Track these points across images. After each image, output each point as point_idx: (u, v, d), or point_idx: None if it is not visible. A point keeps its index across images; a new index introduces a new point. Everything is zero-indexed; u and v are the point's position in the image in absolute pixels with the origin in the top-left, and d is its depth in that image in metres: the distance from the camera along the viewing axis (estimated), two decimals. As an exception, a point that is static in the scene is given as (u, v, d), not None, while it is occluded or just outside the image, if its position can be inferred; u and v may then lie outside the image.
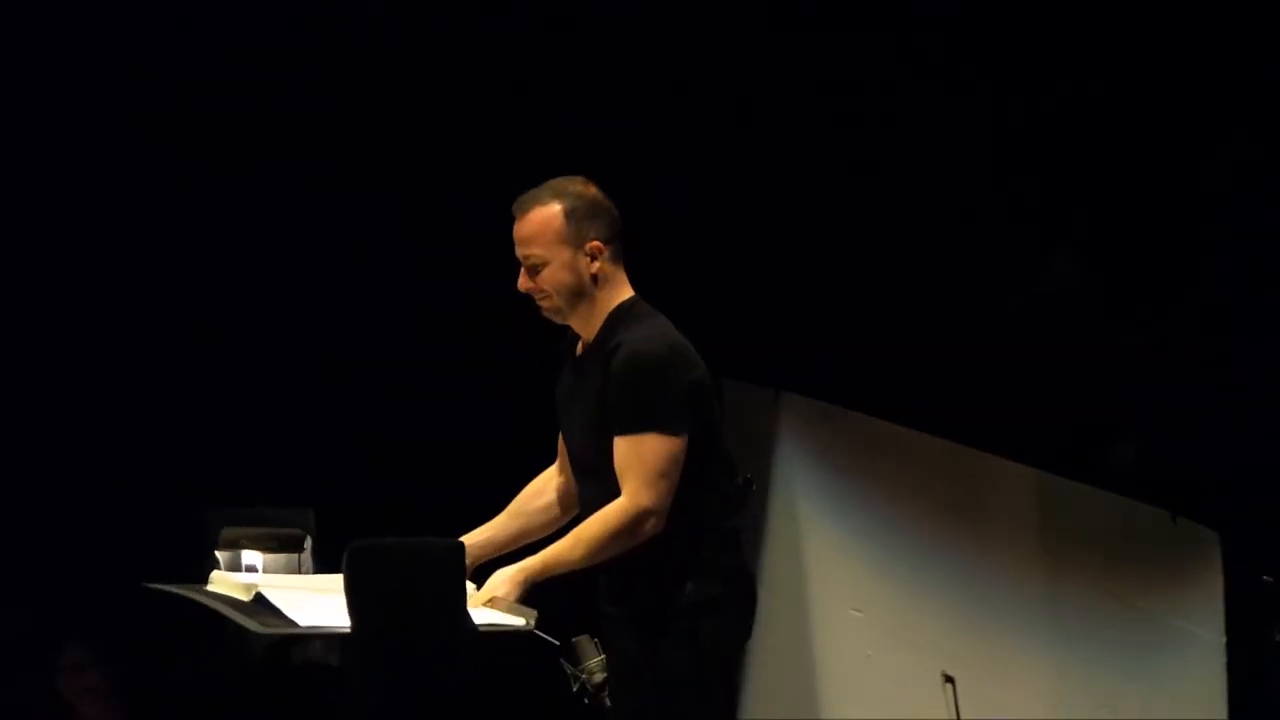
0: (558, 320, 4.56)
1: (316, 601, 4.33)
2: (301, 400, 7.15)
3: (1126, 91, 7.05)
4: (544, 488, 4.76)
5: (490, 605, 4.33)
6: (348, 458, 6.74)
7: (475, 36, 7.39)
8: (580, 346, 4.55)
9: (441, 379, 7.16)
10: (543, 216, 4.41)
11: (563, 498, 4.72)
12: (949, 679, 6.33)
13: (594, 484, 4.40)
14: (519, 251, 4.49)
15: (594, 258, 4.41)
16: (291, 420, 7.05)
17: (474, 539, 4.74)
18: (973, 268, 6.97)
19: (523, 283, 4.51)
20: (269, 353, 7.35)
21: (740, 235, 6.98)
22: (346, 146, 7.44)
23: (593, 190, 4.52)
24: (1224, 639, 6.43)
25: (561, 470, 4.73)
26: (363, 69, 7.38)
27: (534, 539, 4.63)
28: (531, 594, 4.34)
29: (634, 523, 4.34)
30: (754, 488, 4.93)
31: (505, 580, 4.42)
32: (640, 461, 4.33)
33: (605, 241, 4.44)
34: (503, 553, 4.66)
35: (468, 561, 4.65)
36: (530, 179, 4.77)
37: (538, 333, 4.98)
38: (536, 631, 4.37)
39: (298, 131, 7.51)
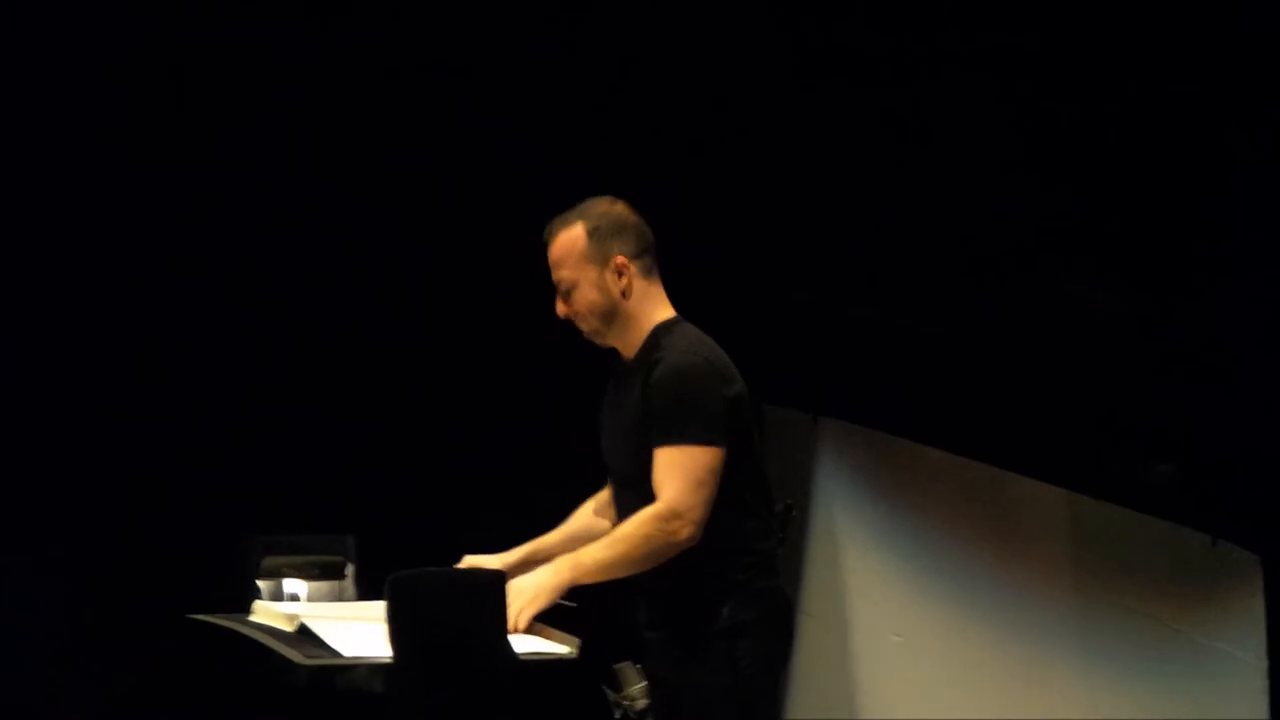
0: (599, 342, 4.59)
1: (359, 630, 4.41)
2: (340, 426, 7.44)
3: (1138, 95, 6.56)
4: (594, 508, 4.85)
5: (530, 631, 4.39)
6: (388, 484, 7.11)
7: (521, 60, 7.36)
8: (622, 365, 4.65)
9: (481, 407, 7.45)
10: (568, 238, 4.55)
11: (612, 519, 4.77)
12: None
13: (631, 495, 4.48)
14: (553, 276, 4.61)
15: (621, 274, 4.51)
16: (331, 446, 7.40)
17: (524, 550, 4.82)
18: (1009, 289, 6.72)
19: (560, 308, 4.56)
20: (308, 379, 7.57)
21: (779, 264, 7.13)
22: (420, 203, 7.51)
23: (619, 207, 4.64)
24: (1265, 663, 5.97)
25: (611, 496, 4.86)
26: (397, 85, 7.42)
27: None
28: (573, 623, 4.53)
29: (668, 526, 4.43)
30: (794, 514, 5.01)
31: (544, 581, 4.47)
32: (679, 469, 4.40)
33: (632, 257, 4.54)
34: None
35: (518, 564, 4.77)
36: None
37: (580, 364, 5.03)
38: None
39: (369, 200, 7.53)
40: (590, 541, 4.70)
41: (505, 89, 7.42)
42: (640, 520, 4.45)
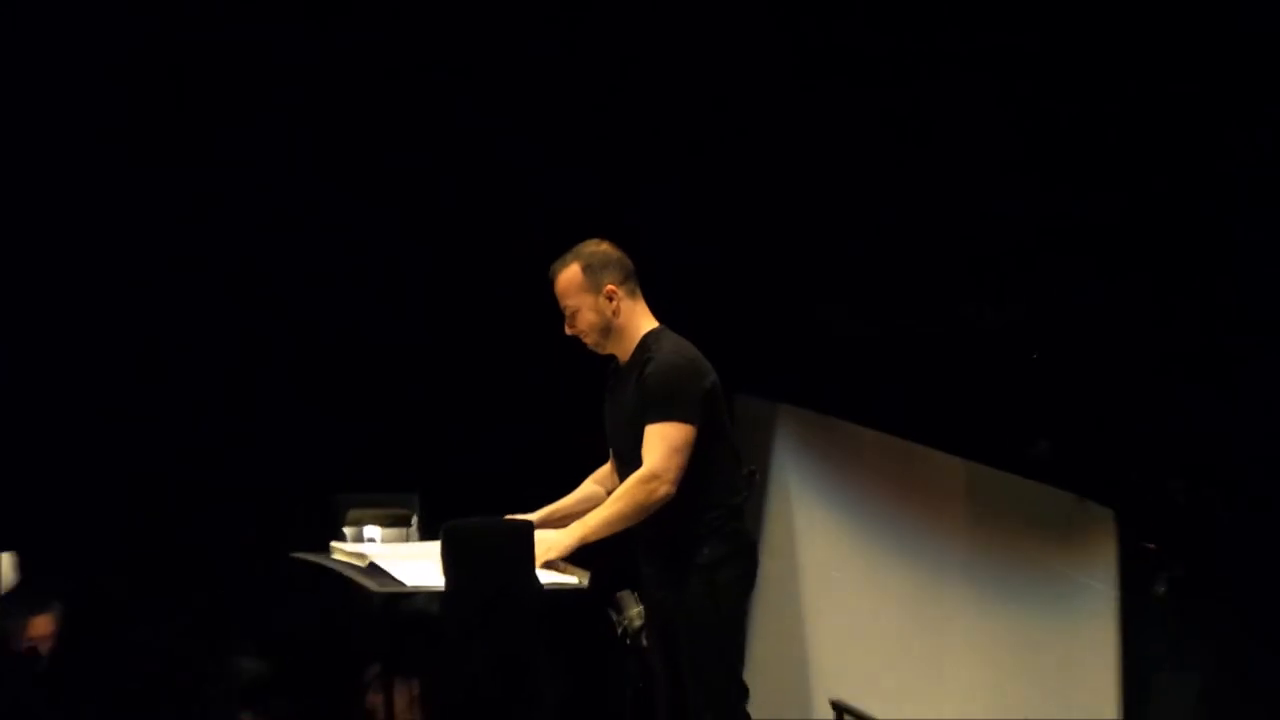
0: (601, 352, 5.37)
1: (420, 565, 5.13)
2: (340, 426, 7.68)
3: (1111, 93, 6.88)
4: (598, 479, 5.62)
5: (551, 567, 5.08)
6: (451, 450, 7.35)
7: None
8: (617, 366, 5.39)
9: (480, 407, 7.71)
10: (567, 275, 5.30)
11: (611, 488, 5.45)
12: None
13: (628, 468, 5.20)
14: (560, 305, 5.39)
15: (611, 298, 5.26)
16: (331, 447, 7.60)
17: (544, 511, 5.54)
18: (925, 305, 7.50)
19: (567, 329, 5.35)
20: (307, 379, 7.70)
21: (745, 275, 7.53)
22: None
23: (604, 246, 5.35)
24: (1117, 591, 7.07)
25: (612, 469, 5.58)
26: (419, 97, 7.30)
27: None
28: (584, 559, 5.25)
29: (649, 486, 5.13)
30: (756, 477, 5.71)
31: (560, 539, 5.21)
32: (660, 441, 5.13)
33: (619, 284, 5.28)
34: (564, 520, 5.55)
35: (540, 522, 5.45)
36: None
37: (578, 364, 5.59)
38: (573, 567, 5.21)
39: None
40: (593, 505, 5.48)
41: (505, 89, 7.31)
42: (628, 485, 5.18)
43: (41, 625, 7.33)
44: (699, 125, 7.44)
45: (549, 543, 5.25)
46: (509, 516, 5.68)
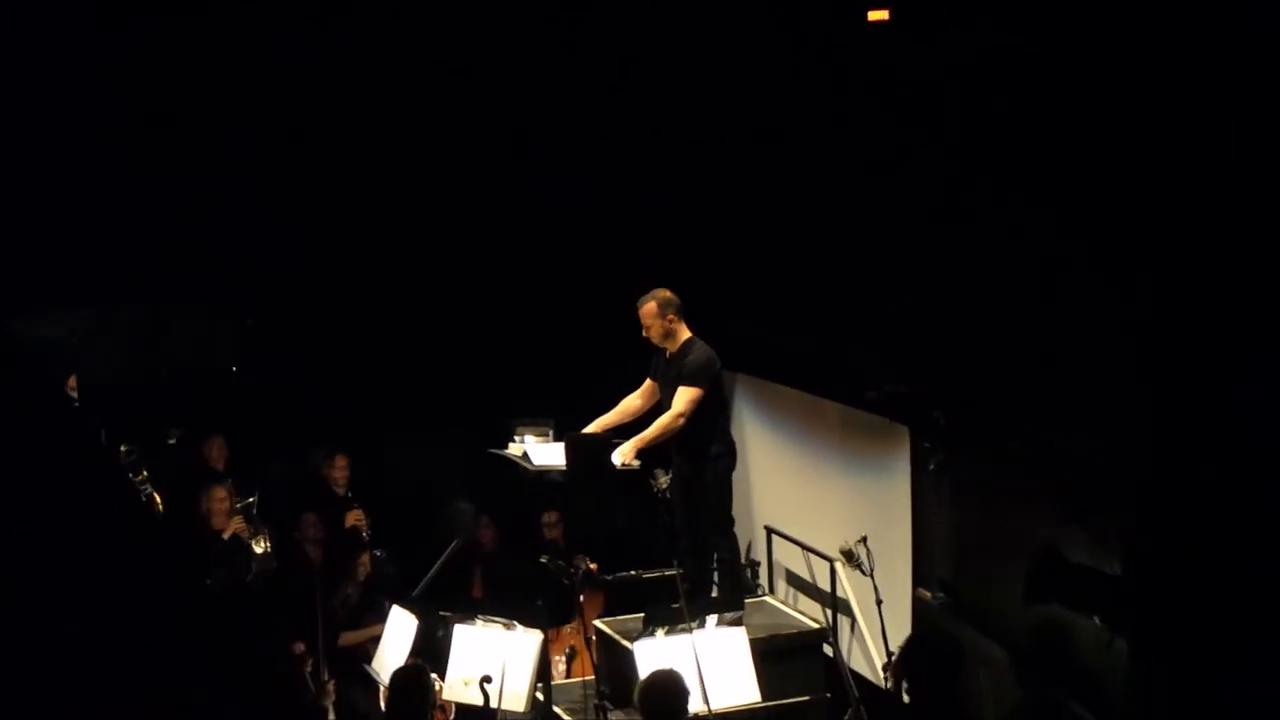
0: (659, 345, 8.42)
1: (552, 456, 8.41)
2: (340, 425, 9.08)
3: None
4: (631, 400, 8.70)
5: (623, 457, 8.22)
6: (575, 388, 9.15)
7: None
8: (668, 355, 8.44)
9: (481, 406, 9.16)
10: (648, 309, 8.44)
11: (639, 407, 8.57)
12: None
13: (665, 406, 8.40)
14: (641, 321, 8.36)
15: (669, 321, 8.44)
16: (331, 446, 9.11)
17: (601, 420, 8.59)
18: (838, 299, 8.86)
19: (644, 333, 8.35)
20: (308, 378, 8.50)
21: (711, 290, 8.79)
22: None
23: (666, 293, 8.39)
24: (910, 476, 9.20)
25: (640, 394, 8.62)
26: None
27: (629, 421, 8.60)
28: (642, 459, 8.28)
29: (675, 419, 8.34)
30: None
31: (630, 445, 8.36)
32: (684, 396, 8.34)
33: (675, 314, 8.41)
34: (615, 425, 8.46)
35: (601, 426, 8.43)
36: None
37: (577, 363, 8.46)
38: (630, 463, 8.30)
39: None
40: (628, 415, 8.60)
41: (505, 89, 6.99)
42: (665, 417, 8.38)
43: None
44: (698, 125, 7.78)
45: (622, 447, 8.43)
46: (589, 429, 8.58)
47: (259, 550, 9.24)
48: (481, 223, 8.47)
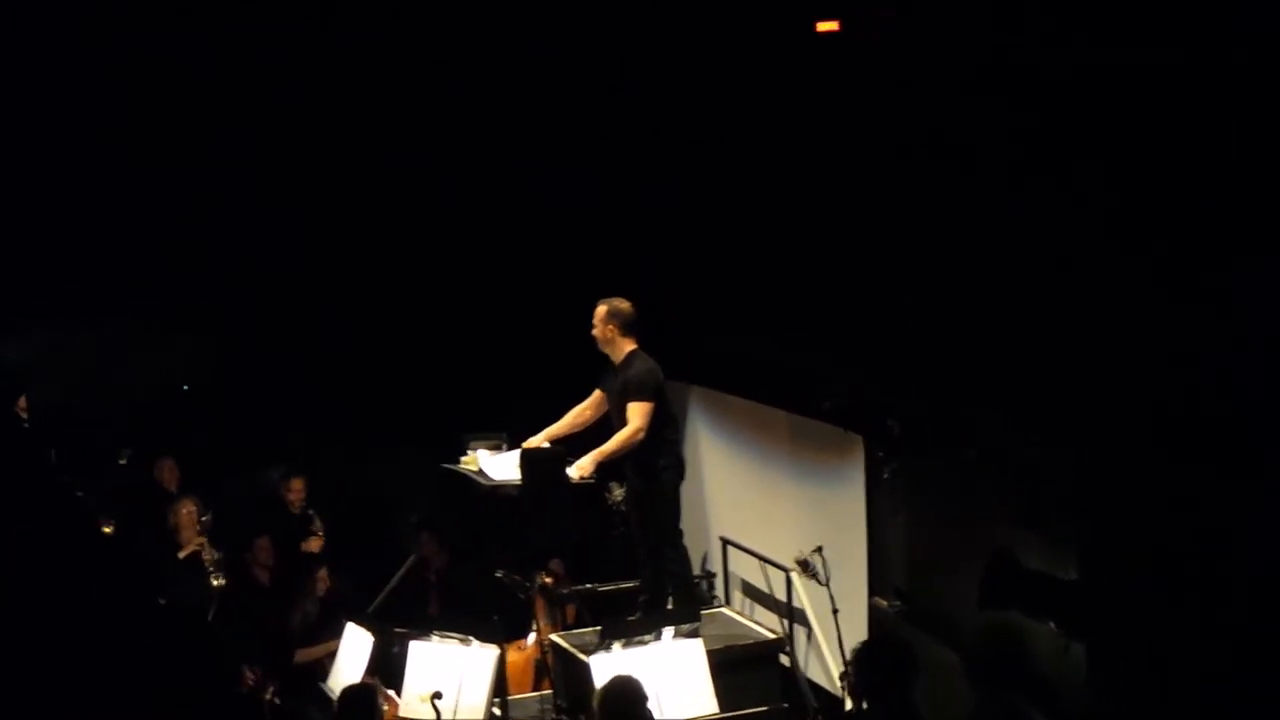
0: (606, 351, 8.40)
1: (507, 469, 8.30)
2: (340, 425, 9.15)
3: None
4: (580, 410, 8.62)
5: (581, 471, 8.17)
6: (529, 407, 8.78)
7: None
8: (614, 366, 8.44)
9: (479, 406, 9.10)
10: (599, 311, 8.44)
11: (589, 417, 8.54)
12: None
13: (618, 422, 8.39)
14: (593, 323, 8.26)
15: (610, 330, 8.43)
16: (330, 445, 9.17)
17: (549, 430, 8.51)
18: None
19: (594, 334, 8.35)
20: (307, 378, 8.47)
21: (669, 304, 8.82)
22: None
23: (621, 303, 8.37)
24: (864, 487, 9.22)
25: (590, 405, 8.57)
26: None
27: (576, 431, 8.51)
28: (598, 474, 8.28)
29: (634, 434, 8.31)
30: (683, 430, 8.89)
31: (588, 459, 8.30)
32: (637, 411, 8.31)
33: (619, 326, 8.39)
34: (564, 436, 8.46)
35: (550, 436, 8.37)
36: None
37: (569, 362, 8.08)
38: (585, 478, 8.31)
39: None
40: (577, 425, 8.59)
41: (505, 89, 6.98)
42: (624, 432, 8.29)
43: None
44: (698, 125, 7.59)
45: (580, 461, 8.35)
46: (535, 439, 8.49)
47: (211, 568, 9.21)
48: (480, 223, 8.55)
